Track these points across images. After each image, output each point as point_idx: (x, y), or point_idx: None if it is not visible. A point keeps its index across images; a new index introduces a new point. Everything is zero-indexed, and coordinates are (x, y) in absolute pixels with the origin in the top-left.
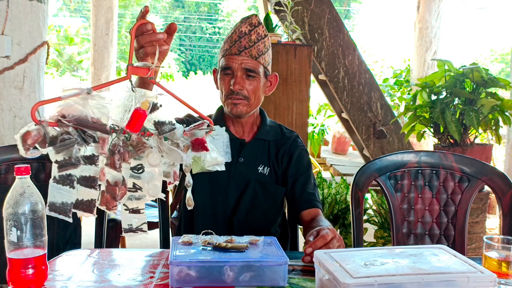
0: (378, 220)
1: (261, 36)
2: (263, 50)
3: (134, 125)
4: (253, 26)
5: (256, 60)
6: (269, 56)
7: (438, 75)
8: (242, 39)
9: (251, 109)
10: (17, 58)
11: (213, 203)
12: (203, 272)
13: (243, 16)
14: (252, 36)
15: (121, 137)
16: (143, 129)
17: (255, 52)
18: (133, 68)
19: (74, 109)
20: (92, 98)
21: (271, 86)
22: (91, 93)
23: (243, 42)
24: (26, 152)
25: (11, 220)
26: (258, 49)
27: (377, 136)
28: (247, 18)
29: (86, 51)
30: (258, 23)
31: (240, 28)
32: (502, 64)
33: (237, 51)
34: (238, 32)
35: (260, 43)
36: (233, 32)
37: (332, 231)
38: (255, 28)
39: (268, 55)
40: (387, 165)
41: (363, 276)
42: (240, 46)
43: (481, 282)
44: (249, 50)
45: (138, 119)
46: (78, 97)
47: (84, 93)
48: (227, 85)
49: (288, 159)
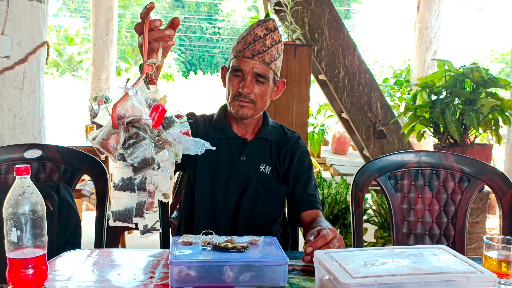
0: (378, 220)
1: (276, 42)
2: (276, 56)
3: (159, 121)
4: (269, 31)
5: (268, 66)
6: (280, 62)
7: (438, 75)
8: (257, 42)
9: (256, 113)
10: (17, 58)
11: (213, 202)
12: (203, 272)
13: (260, 19)
14: (267, 40)
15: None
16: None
17: (267, 58)
18: (147, 65)
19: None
20: (135, 98)
21: (278, 91)
22: (137, 92)
23: (257, 46)
24: (115, 158)
25: (11, 220)
26: (271, 55)
27: (377, 136)
28: (264, 22)
29: (86, 51)
30: (275, 28)
31: (255, 31)
32: (502, 64)
33: (250, 55)
34: (253, 35)
35: (273, 48)
36: (248, 34)
37: (332, 231)
38: (270, 33)
39: (280, 61)
40: (387, 165)
41: (363, 276)
42: (253, 50)
43: (481, 282)
44: (262, 55)
45: (162, 114)
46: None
47: (133, 93)
48: (236, 86)
49: (290, 160)
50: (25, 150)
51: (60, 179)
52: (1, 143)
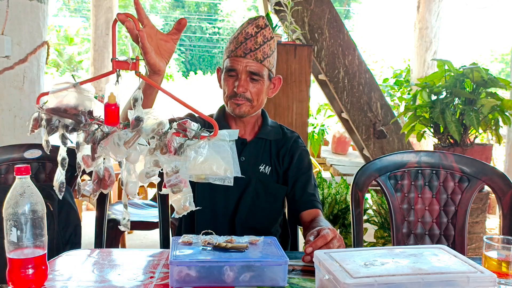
0: (378, 220)
1: (267, 39)
2: (269, 52)
3: (107, 120)
4: (260, 28)
5: (261, 63)
6: (274, 59)
7: (438, 75)
8: (248, 41)
9: (253, 111)
10: (17, 58)
11: (213, 203)
12: (203, 272)
13: (245, 16)
14: (258, 38)
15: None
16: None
17: (260, 55)
18: (116, 62)
19: (56, 100)
20: (75, 91)
21: (274, 89)
22: (76, 86)
23: (249, 44)
24: (30, 133)
25: (11, 220)
26: (263, 52)
27: (377, 136)
28: (254, 19)
29: (86, 51)
30: (265, 25)
31: (246, 29)
32: (502, 64)
33: (242, 54)
34: (244, 34)
35: (265, 45)
36: (239, 33)
37: (332, 231)
38: (261, 30)
39: (273, 58)
40: (387, 165)
41: (363, 276)
42: (245, 49)
43: (481, 282)
44: (254, 53)
45: (109, 113)
46: (66, 90)
47: (71, 86)
48: (231, 86)
49: (289, 160)
50: (25, 150)
51: None
52: (1, 143)
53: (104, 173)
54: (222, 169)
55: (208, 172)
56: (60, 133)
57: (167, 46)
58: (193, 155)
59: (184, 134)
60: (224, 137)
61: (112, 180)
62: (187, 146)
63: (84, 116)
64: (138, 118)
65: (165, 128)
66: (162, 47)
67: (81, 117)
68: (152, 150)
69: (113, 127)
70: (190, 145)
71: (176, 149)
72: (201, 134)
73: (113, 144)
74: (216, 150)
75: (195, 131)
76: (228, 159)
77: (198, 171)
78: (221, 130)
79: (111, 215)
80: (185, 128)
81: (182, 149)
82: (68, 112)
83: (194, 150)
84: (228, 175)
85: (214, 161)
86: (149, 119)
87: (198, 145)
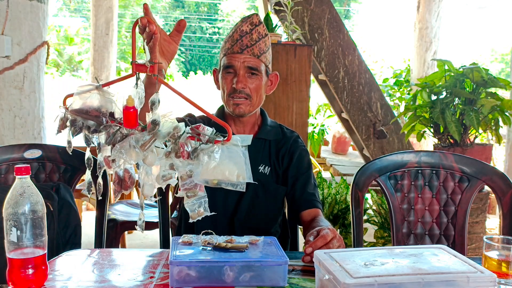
0: (378, 220)
1: (262, 35)
2: (264, 49)
3: (126, 122)
4: (254, 25)
5: (258, 59)
6: (270, 55)
7: (438, 75)
8: (244, 38)
9: (253, 108)
10: (17, 58)
11: (213, 203)
12: (203, 272)
13: (243, 16)
14: (254, 35)
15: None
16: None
17: (257, 51)
18: (136, 65)
19: (80, 102)
20: (98, 93)
21: (272, 85)
22: (99, 88)
23: (244, 40)
24: (57, 132)
25: (11, 220)
26: (259, 47)
27: (377, 136)
28: (248, 18)
29: (86, 51)
30: (259, 22)
31: (241, 27)
32: (502, 64)
33: (239, 50)
34: (240, 31)
35: (261, 42)
36: (234, 31)
37: (332, 231)
38: (256, 27)
39: (269, 54)
40: (387, 165)
41: (363, 276)
42: (242, 45)
43: (481, 282)
44: (251, 48)
45: (127, 116)
46: (90, 92)
47: (94, 88)
48: (230, 83)
49: (289, 159)
50: (25, 150)
51: (60, 179)
52: (1, 143)
53: (124, 174)
54: (235, 175)
55: (221, 177)
56: (84, 134)
57: (170, 48)
58: (206, 160)
59: (198, 138)
60: (237, 142)
61: (133, 181)
62: (201, 151)
63: (105, 117)
64: (154, 122)
65: (180, 132)
66: (165, 48)
67: (102, 119)
68: (168, 153)
69: (131, 129)
70: (204, 150)
71: (190, 153)
72: (215, 139)
73: (129, 146)
74: (229, 155)
75: (209, 136)
76: (241, 165)
77: (211, 176)
78: (234, 135)
79: (111, 215)
80: (199, 133)
81: (195, 153)
82: (90, 114)
83: (207, 155)
84: (241, 181)
85: (227, 167)
86: (166, 122)
87: (211, 150)
